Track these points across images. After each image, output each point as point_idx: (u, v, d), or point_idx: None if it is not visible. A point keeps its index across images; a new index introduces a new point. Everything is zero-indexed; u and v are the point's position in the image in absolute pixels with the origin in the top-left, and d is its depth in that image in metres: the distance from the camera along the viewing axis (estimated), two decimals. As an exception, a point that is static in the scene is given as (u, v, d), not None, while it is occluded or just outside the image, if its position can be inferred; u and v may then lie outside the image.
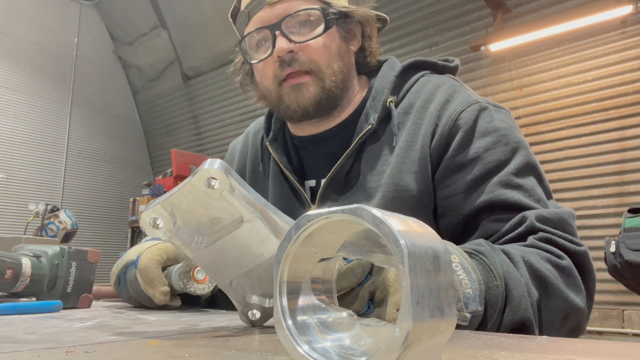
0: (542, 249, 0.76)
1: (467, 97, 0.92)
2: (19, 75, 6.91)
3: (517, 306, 0.67)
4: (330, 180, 0.97)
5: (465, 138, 0.88)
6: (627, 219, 3.19)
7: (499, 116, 0.91)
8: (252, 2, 0.95)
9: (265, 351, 0.45)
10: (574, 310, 0.75)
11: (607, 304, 3.91)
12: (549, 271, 0.73)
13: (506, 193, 0.83)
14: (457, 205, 0.87)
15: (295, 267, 0.37)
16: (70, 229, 5.06)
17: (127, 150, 7.95)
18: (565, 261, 0.76)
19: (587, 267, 0.79)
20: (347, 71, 0.98)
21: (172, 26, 6.98)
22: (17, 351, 0.43)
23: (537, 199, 0.83)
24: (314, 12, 0.93)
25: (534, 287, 0.71)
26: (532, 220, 0.78)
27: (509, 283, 0.68)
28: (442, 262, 0.33)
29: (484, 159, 0.86)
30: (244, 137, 1.22)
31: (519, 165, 0.85)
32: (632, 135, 3.94)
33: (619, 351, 0.44)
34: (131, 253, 0.91)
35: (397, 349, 0.28)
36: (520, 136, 0.90)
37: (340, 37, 0.96)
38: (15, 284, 0.83)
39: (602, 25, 3.97)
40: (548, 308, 0.72)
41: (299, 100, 0.94)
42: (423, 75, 1.00)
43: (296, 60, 0.92)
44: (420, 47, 4.97)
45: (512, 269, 0.70)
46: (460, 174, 0.87)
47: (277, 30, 0.91)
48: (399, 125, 0.94)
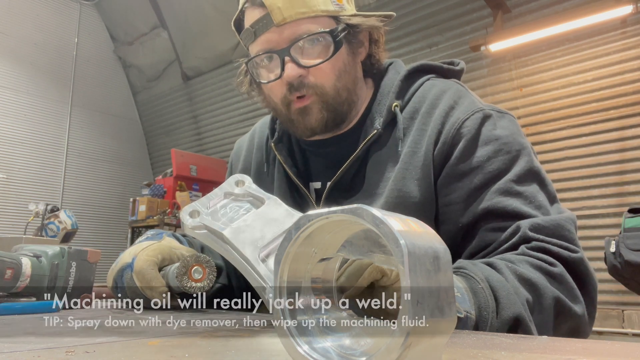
0: (533, 257, 0.77)
1: (471, 104, 0.92)
2: (19, 75, 6.91)
3: (505, 303, 0.69)
4: (335, 184, 0.98)
5: (468, 147, 0.88)
6: (627, 219, 3.19)
7: (501, 123, 0.91)
8: (258, 22, 0.91)
9: (265, 351, 0.45)
10: (570, 315, 0.75)
11: (607, 304, 3.91)
12: (537, 276, 0.74)
13: (504, 201, 0.83)
14: (456, 213, 0.87)
15: (295, 267, 0.37)
16: (70, 229, 5.05)
17: (127, 150, 7.95)
18: (557, 268, 0.76)
19: (583, 273, 0.79)
20: (352, 86, 0.98)
21: (172, 26, 6.98)
22: (17, 351, 0.43)
23: (537, 205, 0.83)
24: (323, 35, 0.91)
25: (523, 289, 0.72)
26: (525, 230, 0.79)
27: (493, 285, 0.70)
28: (442, 262, 0.33)
29: (485, 168, 0.86)
30: (250, 135, 1.22)
31: (519, 172, 0.86)
32: (632, 135, 3.94)
33: (619, 351, 0.44)
34: (126, 255, 0.90)
35: (397, 349, 0.28)
36: (523, 141, 0.90)
37: (348, 52, 0.96)
38: (15, 284, 0.83)
39: (602, 25, 3.97)
40: (540, 307, 0.73)
41: (307, 124, 0.95)
42: (428, 79, 1.00)
43: (304, 84, 0.92)
44: (420, 47, 4.97)
45: (494, 273, 0.72)
46: (461, 183, 0.88)
47: (286, 55, 0.90)
48: (404, 131, 0.94)
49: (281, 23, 0.89)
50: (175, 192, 6.22)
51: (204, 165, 6.67)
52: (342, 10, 0.94)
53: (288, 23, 0.89)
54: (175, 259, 0.90)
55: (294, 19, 0.89)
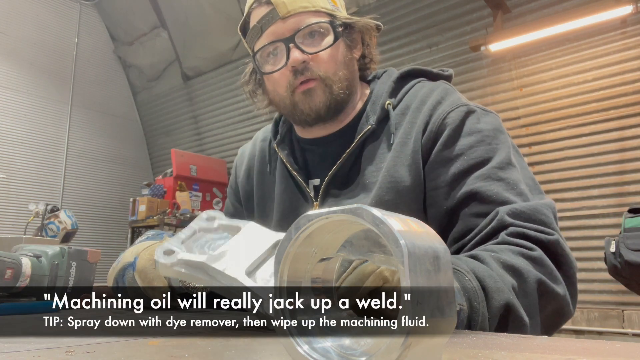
0: (512, 244, 0.80)
1: (457, 100, 0.99)
2: (19, 75, 6.91)
3: (494, 292, 0.71)
4: (332, 178, 1.04)
5: (452, 135, 0.94)
6: (627, 219, 3.19)
7: (485, 119, 0.97)
8: (265, 17, 1.00)
9: (265, 351, 0.45)
10: (551, 293, 0.78)
11: (607, 304, 3.91)
12: (520, 261, 0.77)
13: (486, 185, 0.88)
14: (441, 197, 0.93)
15: (295, 267, 0.37)
16: (70, 229, 5.05)
17: (127, 150, 7.95)
18: (536, 252, 0.79)
19: (560, 254, 0.82)
20: (351, 78, 1.05)
21: (172, 26, 6.98)
22: (17, 351, 0.43)
23: (519, 192, 0.87)
24: (324, 25, 1.00)
25: (508, 276, 0.74)
26: (503, 215, 0.83)
27: (479, 275, 0.72)
28: (442, 262, 0.33)
29: (468, 154, 0.92)
30: (252, 142, 1.30)
31: (502, 160, 0.91)
32: (632, 135, 3.94)
33: (619, 351, 0.44)
34: (127, 255, 0.91)
35: (397, 349, 0.28)
36: (504, 138, 0.95)
37: (345, 47, 1.04)
38: (15, 284, 0.83)
39: (602, 25, 3.97)
40: (525, 291, 0.75)
41: (311, 105, 1.01)
42: (419, 82, 1.08)
43: (308, 69, 0.99)
44: (420, 47, 4.97)
45: (478, 264, 0.74)
46: (444, 168, 0.94)
47: (291, 43, 0.98)
48: (395, 125, 1.01)
49: (286, 15, 0.98)
50: (175, 192, 6.23)
51: (204, 165, 6.67)
52: (336, 11, 1.04)
53: (292, 15, 0.98)
54: None
55: (298, 11, 0.98)
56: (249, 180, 1.23)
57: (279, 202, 1.12)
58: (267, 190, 1.17)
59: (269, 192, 1.16)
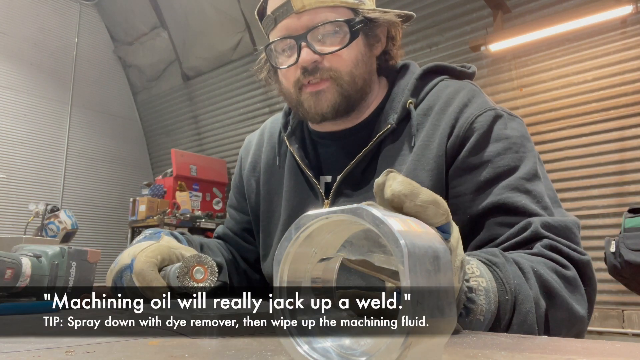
0: (548, 257, 0.77)
1: (485, 103, 0.95)
2: (19, 75, 6.91)
3: (522, 321, 0.69)
4: (345, 176, 0.99)
5: (479, 141, 0.90)
6: (627, 219, 3.19)
7: (512, 125, 0.93)
8: (279, 9, 0.95)
9: (265, 351, 0.45)
10: (577, 320, 0.76)
11: (607, 304, 3.91)
12: (556, 282, 0.74)
13: (514, 197, 0.84)
14: (465, 204, 0.89)
15: (295, 267, 0.37)
16: (70, 229, 5.05)
17: (127, 150, 7.95)
18: (571, 272, 0.77)
19: (589, 276, 0.80)
20: (367, 77, 1.00)
21: (172, 26, 6.98)
22: (17, 351, 0.43)
23: (544, 206, 0.84)
24: (340, 23, 0.94)
25: (542, 299, 0.73)
26: (537, 227, 0.80)
27: (518, 298, 0.70)
28: (442, 262, 0.33)
29: (495, 162, 0.88)
30: (260, 131, 1.23)
31: (529, 171, 0.87)
32: (632, 135, 3.94)
33: (619, 351, 0.44)
34: (125, 256, 0.90)
35: (397, 349, 0.28)
36: (530, 146, 0.92)
37: (364, 44, 0.98)
38: (15, 284, 0.83)
39: (602, 25, 3.97)
40: (554, 319, 0.74)
41: (317, 106, 0.96)
42: (442, 80, 1.02)
43: (319, 69, 0.94)
44: (420, 47, 4.97)
45: (523, 282, 0.71)
46: (470, 175, 0.89)
47: (302, 41, 0.93)
48: (417, 127, 0.96)
49: (300, 10, 0.92)
50: (175, 192, 6.23)
51: (204, 165, 6.67)
52: (361, 4, 0.96)
53: (307, 10, 0.93)
54: (174, 259, 0.90)
55: (314, 6, 0.92)
56: (255, 172, 1.17)
57: (288, 199, 1.07)
58: (274, 185, 1.12)
59: (277, 187, 1.11)
